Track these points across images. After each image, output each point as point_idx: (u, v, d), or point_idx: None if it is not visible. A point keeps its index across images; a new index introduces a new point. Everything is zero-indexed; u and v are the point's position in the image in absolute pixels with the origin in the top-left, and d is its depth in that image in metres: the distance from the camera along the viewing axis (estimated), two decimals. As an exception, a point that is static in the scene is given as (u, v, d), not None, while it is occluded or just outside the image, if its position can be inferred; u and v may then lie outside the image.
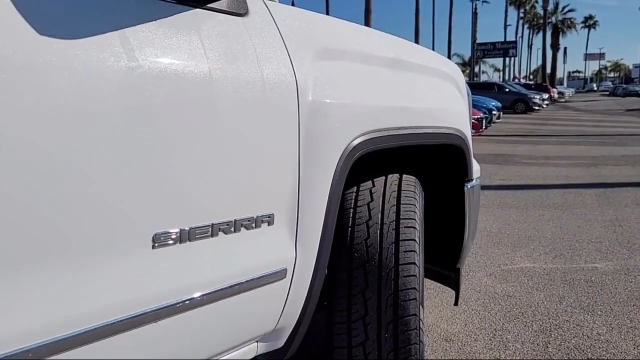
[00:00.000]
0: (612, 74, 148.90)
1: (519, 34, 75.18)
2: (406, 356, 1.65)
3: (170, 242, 1.12)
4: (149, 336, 1.10)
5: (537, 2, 74.30)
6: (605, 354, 2.38)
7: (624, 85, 73.02)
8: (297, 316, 1.49)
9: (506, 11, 67.56)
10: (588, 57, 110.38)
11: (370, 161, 1.82)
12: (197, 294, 1.17)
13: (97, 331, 0.99)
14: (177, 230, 1.13)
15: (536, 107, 28.56)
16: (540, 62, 72.92)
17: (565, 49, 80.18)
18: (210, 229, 1.20)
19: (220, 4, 1.25)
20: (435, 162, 2.17)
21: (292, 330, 1.51)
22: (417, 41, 34.48)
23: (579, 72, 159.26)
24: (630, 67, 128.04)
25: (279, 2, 1.52)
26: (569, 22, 71.19)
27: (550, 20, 66.11)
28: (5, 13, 0.87)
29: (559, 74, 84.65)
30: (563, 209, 5.48)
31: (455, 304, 2.35)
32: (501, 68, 67.96)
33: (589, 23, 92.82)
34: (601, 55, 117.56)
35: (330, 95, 1.46)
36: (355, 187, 1.77)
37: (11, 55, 0.86)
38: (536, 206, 5.62)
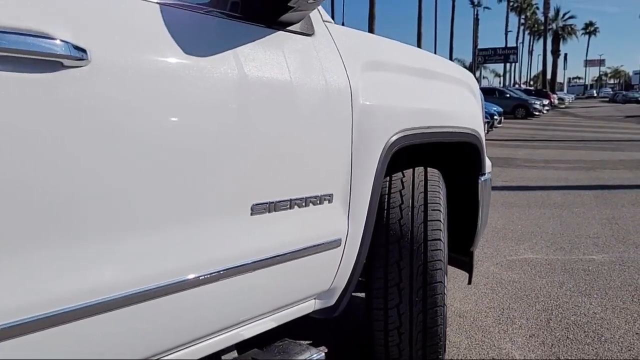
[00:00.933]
0: (612, 81, 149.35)
1: (520, 40, 75.71)
2: (433, 316, 1.99)
3: (263, 211, 1.46)
4: (249, 283, 1.44)
5: (537, 8, 74.82)
6: (600, 329, 2.71)
7: (624, 92, 73.45)
8: (347, 279, 1.83)
9: (507, 17, 68.10)
10: (588, 63, 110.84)
11: (398, 156, 2.15)
12: (279, 252, 1.50)
13: (215, 275, 1.33)
14: (267, 202, 1.47)
15: (536, 113, 28.93)
16: (540, 68, 73.42)
17: (565, 55, 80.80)
18: (289, 203, 1.53)
19: (296, 27, 1.59)
20: (453, 158, 2.50)
21: (342, 290, 1.85)
22: (419, 46, 34.85)
23: (579, 78, 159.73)
24: (630, 73, 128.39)
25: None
26: (569, 29, 71.72)
27: (550, 26, 66.59)
28: (166, 41, 1.21)
29: (559, 79, 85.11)
30: (563, 208, 5.82)
31: (469, 283, 2.68)
32: (502, 73, 68.45)
33: (590, 30, 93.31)
34: (601, 62, 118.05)
35: (374, 99, 1.80)
36: (388, 177, 2.10)
37: (171, 68, 1.20)
38: (537, 205, 5.95)
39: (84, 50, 1.00)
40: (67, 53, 0.97)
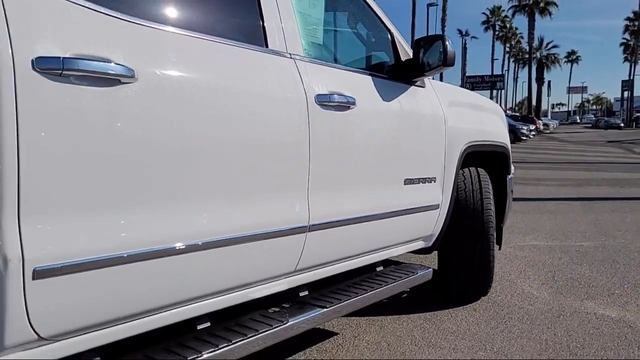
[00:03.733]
0: (594, 107, 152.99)
1: (505, 67, 78.27)
2: (486, 257, 3.23)
3: (408, 183, 2.71)
4: (400, 222, 2.67)
5: (522, 37, 77.63)
6: (588, 281, 3.95)
7: (606, 118, 75.90)
8: (440, 229, 3.07)
9: (493, 46, 70.61)
10: (571, 90, 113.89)
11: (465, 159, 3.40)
12: (414, 206, 2.75)
13: (387, 214, 2.56)
14: (409, 178, 2.72)
15: (524, 137, 30.51)
16: (524, 94, 75.90)
17: (549, 82, 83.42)
18: (418, 180, 2.79)
19: (417, 83, 2.85)
20: (492, 162, 3.76)
21: (436, 237, 3.09)
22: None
23: (562, 104, 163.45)
24: (612, 100, 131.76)
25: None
26: (553, 58, 74.62)
27: (535, 55, 69.20)
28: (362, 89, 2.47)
29: (544, 106, 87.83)
30: (556, 213, 7.11)
31: (499, 249, 3.90)
32: (488, 100, 70.41)
33: (572, 58, 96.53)
34: (583, 89, 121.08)
35: (455, 123, 3.07)
36: (461, 171, 3.34)
37: (364, 109, 2.47)
38: (535, 212, 7.24)
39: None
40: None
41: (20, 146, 1.28)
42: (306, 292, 2.38)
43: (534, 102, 62.88)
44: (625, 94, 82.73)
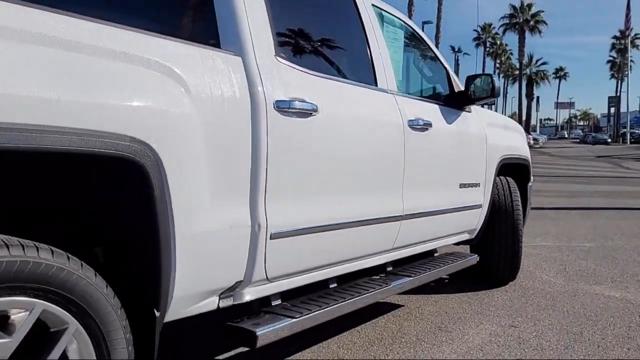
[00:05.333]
0: (581, 122, 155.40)
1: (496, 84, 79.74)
2: (516, 247, 4.04)
3: (461, 187, 3.51)
4: (457, 216, 3.47)
5: (512, 54, 79.40)
6: (594, 272, 4.76)
7: (593, 134, 77.55)
8: (481, 225, 3.87)
9: (484, 62, 72.26)
10: (559, 105, 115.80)
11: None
12: (466, 205, 3.55)
13: (449, 210, 3.36)
14: (463, 183, 3.52)
15: (516, 152, 31.48)
16: (514, 109, 77.45)
17: (537, 97, 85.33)
18: (468, 184, 3.59)
19: (466, 109, 3.66)
20: (517, 172, 4.56)
21: (478, 231, 3.89)
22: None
23: (550, 119, 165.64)
24: (599, 116, 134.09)
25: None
26: (542, 74, 76.34)
27: (525, 71, 70.81)
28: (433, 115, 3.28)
29: (532, 121, 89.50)
30: (558, 220, 7.94)
31: (521, 244, 4.69)
32: (479, 115, 71.78)
33: (560, 74, 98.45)
34: (571, 105, 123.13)
35: (492, 140, 3.88)
36: (497, 179, 4.16)
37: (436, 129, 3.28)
38: (539, 218, 8.06)
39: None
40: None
41: (269, 156, 2.06)
42: (391, 268, 3.17)
43: (523, 117, 64.31)
44: (612, 109, 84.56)
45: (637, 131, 75.13)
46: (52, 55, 1.45)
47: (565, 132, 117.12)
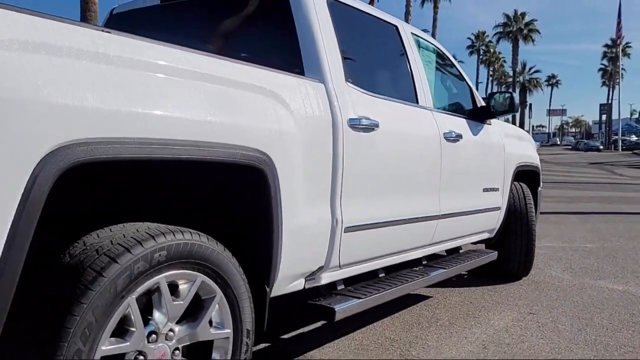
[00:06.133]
0: (573, 129, 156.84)
1: (489, 90, 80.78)
2: (530, 245, 4.52)
3: (484, 191, 3.98)
4: (480, 217, 3.94)
5: (505, 61, 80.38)
6: (598, 268, 5.23)
7: (585, 141, 78.57)
8: (499, 225, 4.35)
9: (477, 69, 73.20)
10: (551, 112, 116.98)
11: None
12: (487, 207, 4.02)
13: (473, 211, 3.83)
14: (485, 187, 3.99)
15: (512, 159, 32.09)
16: (507, 116, 78.29)
17: (530, 105, 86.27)
18: (490, 188, 4.07)
19: (487, 122, 4.14)
20: (527, 178, 5.04)
21: (496, 230, 4.36)
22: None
23: (543, 126, 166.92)
24: (590, 123, 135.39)
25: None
26: (535, 82, 77.35)
27: (518, 79, 71.72)
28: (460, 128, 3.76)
29: (525, 128, 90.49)
30: (558, 224, 8.43)
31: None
32: (473, 122, 72.67)
33: (552, 82, 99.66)
34: (563, 112, 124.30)
35: (509, 149, 4.37)
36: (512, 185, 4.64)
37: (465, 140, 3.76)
38: (541, 222, 8.49)
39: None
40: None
41: (344, 164, 2.51)
42: (426, 261, 3.62)
43: (517, 124, 65.17)
44: (604, 117, 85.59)
45: (628, 138, 76.21)
46: (207, 89, 1.90)
47: (558, 139, 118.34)
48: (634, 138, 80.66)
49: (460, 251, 4.14)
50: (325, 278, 2.61)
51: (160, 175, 1.98)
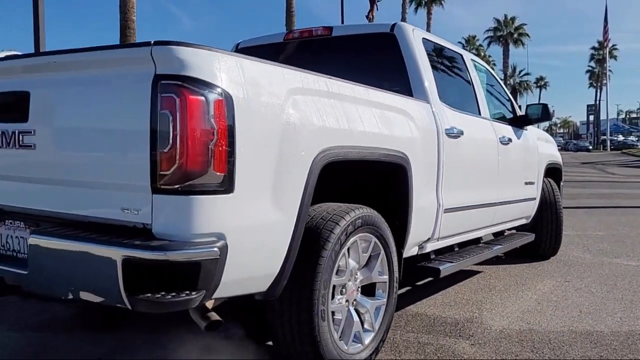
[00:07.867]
0: (561, 130, 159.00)
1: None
2: (559, 228, 5.45)
3: (525, 184, 4.90)
4: (522, 206, 4.86)
5: (494, 65, 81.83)
6: (611, 250, 6.15)
7: (574, 141, 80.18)
8: (534, 213, 5.27)
9: (469, 73, 74.28)
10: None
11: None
12: (527, 197, 4.94)
13: (515, 201, 4.74)
14: (526, 181, 4.91)
15: (507, 160, 33.17)
16: (499, 119, 79.52)
17: (520, 107, 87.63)
18: (528, 182, 5.00)
19: (525, 128, 5.06)
20: (553, 174, 5.95)
21: (532, 217, 5.28)
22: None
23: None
24: (578, 123, 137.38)
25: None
26: (525, 84, 78.91)
27: (509, 82, 73.15)
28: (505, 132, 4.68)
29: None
30: (568, 216, 9.31)
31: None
32: (465, 124, 73.89)
33: (540, 84, 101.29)
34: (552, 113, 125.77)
35: (542, 150, 5.30)
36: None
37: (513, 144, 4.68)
38: (551, 215, 9.49)
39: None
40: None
41: (444, 162, 3.41)
42: (483, 241, 4.53)
43: (508, 126, 66.45)
44: (591, 117, 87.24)
45: (616, 138, 77.84)
46: (375, 112, 2.80)
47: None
48: (621, 138, 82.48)
49: (505, 234, 5.05)
50: (429, 247, 3.51)
51: (349, 170, 2.85)
